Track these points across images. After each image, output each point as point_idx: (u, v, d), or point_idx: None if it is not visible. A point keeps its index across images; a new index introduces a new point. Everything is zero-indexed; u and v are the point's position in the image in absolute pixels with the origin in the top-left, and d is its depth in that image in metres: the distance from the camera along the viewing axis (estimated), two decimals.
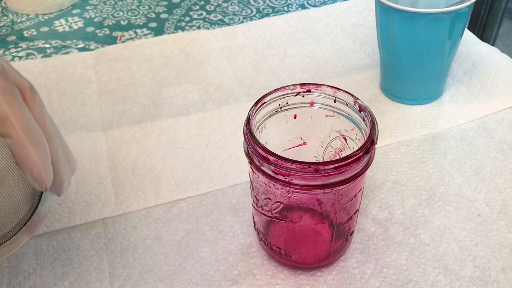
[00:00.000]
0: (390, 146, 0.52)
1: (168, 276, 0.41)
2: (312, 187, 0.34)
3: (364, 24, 0.71)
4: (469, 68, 0.60)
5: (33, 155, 0.30)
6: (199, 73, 0.63)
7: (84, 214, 0.46)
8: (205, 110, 0.57)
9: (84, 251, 0.43)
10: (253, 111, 0.37)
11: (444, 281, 0.40)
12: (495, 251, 0.42)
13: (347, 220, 0.38)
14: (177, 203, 0.47)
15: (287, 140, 0.42)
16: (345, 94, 0.38)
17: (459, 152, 0.51)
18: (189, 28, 0.74)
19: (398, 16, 0.50)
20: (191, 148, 0.52)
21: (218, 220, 0.45)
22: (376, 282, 0.40)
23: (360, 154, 0.34)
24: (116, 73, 0.63)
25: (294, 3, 0.79)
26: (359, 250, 0.42)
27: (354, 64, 0.64)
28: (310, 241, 0.40)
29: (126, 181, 0.49)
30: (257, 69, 0.63)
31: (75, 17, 0.78)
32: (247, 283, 0.40)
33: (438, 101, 0.57)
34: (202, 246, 0.43)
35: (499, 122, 0.54)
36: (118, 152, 0.52)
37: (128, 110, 0.57)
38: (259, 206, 0.38)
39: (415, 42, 0.51)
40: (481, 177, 0.48)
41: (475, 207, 0.45)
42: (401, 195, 0.47)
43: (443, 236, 0.43)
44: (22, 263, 0.42)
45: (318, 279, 0.40)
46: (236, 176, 0.49)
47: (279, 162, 0.33)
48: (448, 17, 0.49)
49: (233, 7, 0.79)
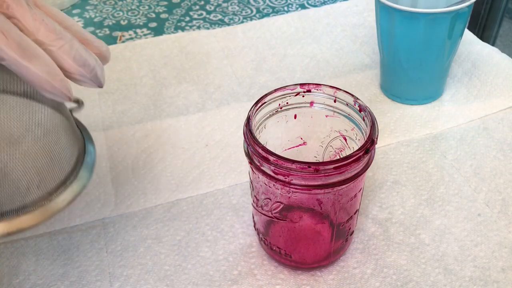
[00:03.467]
0: (390, 146, 0.52)
1: (168, 276, 0.41)
2: (312, 187, 0.34)
3: (364, 24, 0.71)
4: (469, 68, 0.60)
5: (33, 70, 0.29)
6: (199, 73, 0.63)
7: (84, 214, 0.46)
8: (205, 110, 0.57)
9: (84, 251, 0.43)
10: (253, 111, 0.37)
11: (444, 281, 0.40)
12: (495, 251, 0.42)
13: (347, 220, 0.38)
14: (177, 203, 0.47)
15: (287, 140, 0.42)
16: (345, 94, 0.38)
17: (459, 152, 0.51)
18: (189, 28, 0.74)
19: (398, 16, 0.50)
20: (191, 148, 0.52)
21: (218, 220, 0.45)
22: (376, 282, 0.40)
23: (360, 154, 0.34)
24: (116, 73, 0.63)
25: (294, 3, 0.79)
26: (359, 250, 0.42)
27: (354, 64, 0.64)
28: (310, 241, 0.40)
29: (126, 181, 0.49)
30: (257, 69, 0.63)
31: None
32: (247, 283, 0.40)
33: (438, 101, 0.57)
34: (202, 246, 0.43)
35: (499, 122, 0.54)
36: (118, 152, 0.52)
37: (128, 110, 0.57)
38: (259, 206, 0.38)
39: (415, 42, 0.51)
40: (481, 177, 0.48)
41: (475, 207, 0.45)
42: (401, 195, 0.47)
43: (443, 236, 0.43)
44: (22, 263, 0.42)
45: (318, 279, 0.40)
46: (236, 176, 0.49)
47: (279, 162, 0.33)
48: (448, 17, 0.49)
49: (233, 7, 0.79)
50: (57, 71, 0.30)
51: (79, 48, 0.31)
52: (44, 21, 0.30)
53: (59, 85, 0.30)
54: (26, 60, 0.28)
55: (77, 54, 0.31)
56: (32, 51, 0.29)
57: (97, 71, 0.32)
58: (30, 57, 0.29)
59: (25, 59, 0.28)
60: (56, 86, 0.30)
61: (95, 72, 0.32)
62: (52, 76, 0.29)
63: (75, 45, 0.31)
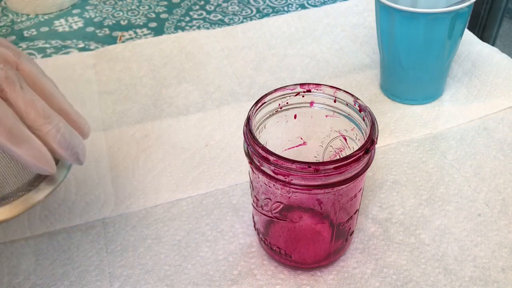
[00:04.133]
0: (390, 146, 0.52)
1: (168, 276, 0.41)
2: (312, 187, 0.34)
3: (364, 24, 0.71)
4: (469, 68, 0.60)
5: (20, 153, 0.31)
6: (199, 73, 0.63)
7: (84, 214, 0.46)
8: (205, 110, 0.57)
9: (84, 251, 0.43)
10: (253, 111, 0.37)
11: (444, 281, 0.40)
12: (495, 251, 0.42)
13: (347, 220, 0.38)
14: (177, 203, 0.47)
15: (287, 140, 0.42)
16: (345, 94, 0.38)
17: (459, 152, 0.51)
18: (189, 28, 0.74)
19: (398, 16, 0.50)
20: (191, 148, 0.52)
21: (218, 220, 0.45)
22: (376, 282, 0.40)
23: (360, 154, 0.34)
24: (116, 73, 0.63)
25: (294, 3, 0.79)
26: (359, 250, 0.42)
27: (354, 64, 0.64)
28: (310, 241, 0.40)
29: (126, 181, 0.49)
30: (257, 69, 0.63)
31: (75, 17, 0.78)
32: (247, 283, 0.40)
33: (438, 101, 0.57)
34: (202, 246, 0.43)
35: (499, 122, 0.54)
36: (118, 152, 0.52)
37: (128, 110, 0.57)
38: (259, 206, 0.38)
39: (415, 42, 0.51)
40: (481, 177, 0.48)
41: (475, 207, 0.45)
42: (401, 195, 0.47)
43: (443, 236, 0.43)
44: (22, 263, 0.42)
45: (318, 279, 0.40)
46: (236, 176, 0.49)
47: (279, 162, 0.33)
48: (448, 17, 0.49)
49: (233, 7, 0.79)
50: (43, 153, 0.32)
51: (65, 132, 0.33)
52: (34, 103, 0.32)
53: (44, 165, 0.32)
54: (15, 145, 0.30)
55: (62, 138, 0.33)
56: (21, 136, 0.31)
57: (79, 153, 0.35)
58: (19, 142, 0.31)
59: (14, 144, 0.30)
60: (41, 166, 0.32)
61: (77, 154, 0.35)
62: (38, 159, 0.32)
63: (61, 128, 0.33)
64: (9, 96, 0.31)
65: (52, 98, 0.34)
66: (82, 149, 0.35)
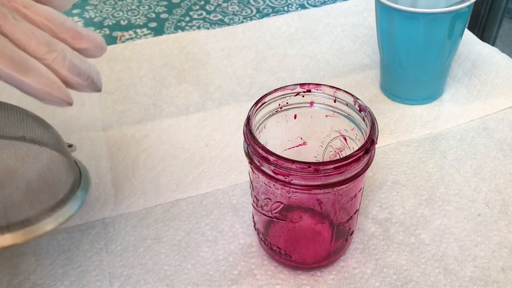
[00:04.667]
0: (390, 146, 0.52)
1: (168, 276, 0.41)
2: (312, 187, 0.34)
3: (364, 24, 0.71)
4: (469, 68, 0.60)
5: (28, 82, 0.29)
6: (199, 73, 0.63)
7: (84, 214, 0.46)
8: (205, 110, 0.57)
9: (84, 251, 0.43)
10: (253, 111, 0.37)
11: (444, 281, 0.40)
12: (495, 251, 0.42)
13: (347, 220, 0.38)
14: (177, 203, 0.47)
15: (287, 140, 0.42)
16: (345, 94, 0.38)
17: (459, 152, 0.51)
18: (189, 28, 0.74)
19: (398, 16, 0.50)
20: (191, 148, 0.52)
21: (218, 220, 0.45)
22: (376, 282, 0.40)
23: (360, 154, 0.34)
24: (116, 73, 0.63)
25: (294, 3, 0.79)
26: (359, 250, 0.42)
27: (354, 64, 0.64)
28: (310, 241, 0.40)
29: (126, 181, 0.49)
30: (257, 69, 0.63)
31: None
32: (247, 283, 0.40)
33: (438, 101, 0.57)
34: (202, 246, 0.43)
35: (499, 122, 0.54)
36: (118, 152, 0.52)
37: (128, 110, 0.57)
38: (259, 206, 0.38)
39: (415, 42, 0.51)
40: (481, 177, 0.48)
41: (475, 207, 0.45)
42: (401, 195, 0.47)
43: (443, 236, 0.43)
44: (22, 263, 0.42)
45: (318, 279, 0.40)
46: (236, 176, 0.49)
47: (279, 162, 0.33)
48: (448, 17, 0.49)
49: (233, 7, 0.79)
50: (54, 79, 0.30)
51: (72, 57, 0.31)
52: (34, 34, 0.30)
53: (58, 93, 0.30)
54: (22, 74, 0.29)
55: (71, 64, 0.31)
56: (26, 64, 0.29)
57: (93, 77, 0.33)
58: (25, 71, 0.29)
59: (20, 73, 0.29)
60: (55, 94, 0.30)
61: (91, 78, 0.33)
62: (49, 86, 0.30)
63: (68, 55, 0.31)
64: (4, 29, 0.29)
65: (56, 18, 0.32)
66: (96, 73, 0.33)
